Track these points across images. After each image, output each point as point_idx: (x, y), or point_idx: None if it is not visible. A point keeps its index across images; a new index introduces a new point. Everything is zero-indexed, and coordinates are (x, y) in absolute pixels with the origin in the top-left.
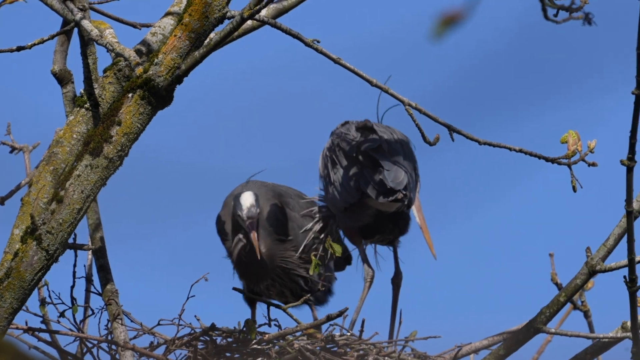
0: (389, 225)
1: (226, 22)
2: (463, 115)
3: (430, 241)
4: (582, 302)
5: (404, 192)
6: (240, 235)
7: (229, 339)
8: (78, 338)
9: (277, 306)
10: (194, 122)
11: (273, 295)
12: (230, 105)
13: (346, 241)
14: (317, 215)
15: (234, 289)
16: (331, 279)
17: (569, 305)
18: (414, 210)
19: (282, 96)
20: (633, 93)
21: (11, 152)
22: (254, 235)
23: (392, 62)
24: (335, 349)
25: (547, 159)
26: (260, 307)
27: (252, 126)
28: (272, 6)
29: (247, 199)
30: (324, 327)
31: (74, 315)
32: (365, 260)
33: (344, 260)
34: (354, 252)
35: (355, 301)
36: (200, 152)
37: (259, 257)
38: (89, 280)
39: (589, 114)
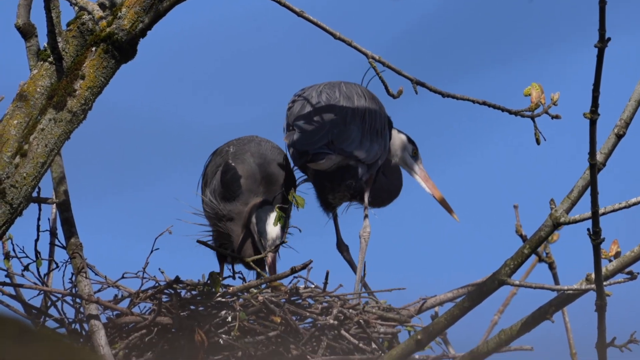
0: (337, 184)
1: None
2: (428, 70)
3: (448, 207)
4: (547, 254)
5: (314, 152)
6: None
7: (194, 292)
8: (42, 292)
9: (241, 259)
10: (159, 78)
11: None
12: (196, 60)
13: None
14: None
15: (199, 241)
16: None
17: (534, 258)
18: (420, 181)
19: (248, 50)
20: (596, 46)
21: None
22: (273, 259)
23: (357, 17)
24: (300, 301)
25: (510, 112)
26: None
27: (218, 81)
28: None
29: (274, 230)
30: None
31: (38, 269)
32: (365, 216)
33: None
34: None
35: (313, 256)
36: (165, 107)
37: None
38: (53, 233)
39: (552, 67)
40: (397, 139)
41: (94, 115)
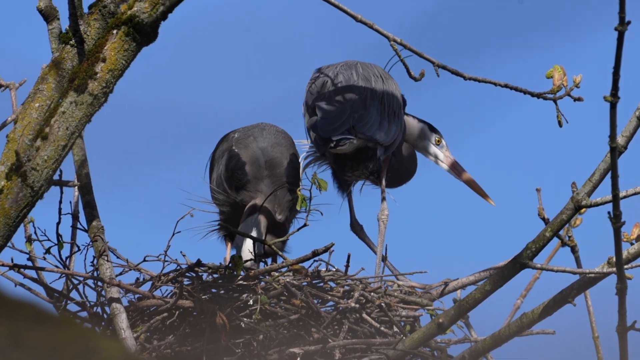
0: (357, 164)
1: None
2: (449, 52)
3: (481, 190)
4: (569, 237)
5: (338, 139)
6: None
7: (215, 275)
8: (64, 275)
9: (262, 242)
10: (180, 62)
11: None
12: (214, 45)
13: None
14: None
15: (220, 224)
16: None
17: (558, 242)
18: (447, 169)
19: (266, 34)
20: (616, 29)
21: None
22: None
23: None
24: (321, 284)
25: (532, 94)
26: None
27: (237, 65)
28: None
29: (247, 255)
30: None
31: (59, 252)
32: (383, 198)
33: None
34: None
35: (335, 239)
36: (188, 92)
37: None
38: (74, 216)
39: (574, 50)
40: (415, 127)
41: (115, 99)
